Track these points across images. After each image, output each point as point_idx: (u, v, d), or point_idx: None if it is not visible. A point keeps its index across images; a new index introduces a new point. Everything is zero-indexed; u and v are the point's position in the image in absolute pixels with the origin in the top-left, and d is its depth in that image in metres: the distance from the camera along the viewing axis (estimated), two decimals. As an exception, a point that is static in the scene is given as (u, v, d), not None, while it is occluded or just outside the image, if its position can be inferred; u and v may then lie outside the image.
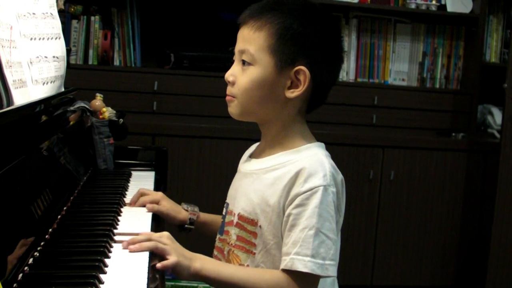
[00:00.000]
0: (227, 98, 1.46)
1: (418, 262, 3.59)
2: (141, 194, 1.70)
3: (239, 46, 1.44)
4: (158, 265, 1.27)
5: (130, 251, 1.30)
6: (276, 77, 1.40)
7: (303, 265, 1.31)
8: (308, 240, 1.32)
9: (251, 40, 1.41)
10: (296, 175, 1.36)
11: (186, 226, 1.66)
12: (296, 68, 1.39)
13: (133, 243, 1.31)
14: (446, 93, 3.74)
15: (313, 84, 1.41)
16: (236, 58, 1.46)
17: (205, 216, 1.70)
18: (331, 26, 1.47)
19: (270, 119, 1.46)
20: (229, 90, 1.45)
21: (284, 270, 1.34)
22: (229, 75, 1.45)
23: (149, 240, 1.32)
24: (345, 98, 3.55)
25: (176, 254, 1.31)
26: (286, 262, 1.33)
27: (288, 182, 1.37)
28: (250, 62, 1.41)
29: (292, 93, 1.41)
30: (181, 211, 1.68)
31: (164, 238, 1.33)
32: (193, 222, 1.67)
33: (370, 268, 3.53)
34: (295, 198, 1.35)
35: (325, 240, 1.33)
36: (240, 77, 1.43)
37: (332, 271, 1.34)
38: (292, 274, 1.33)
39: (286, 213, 1.36)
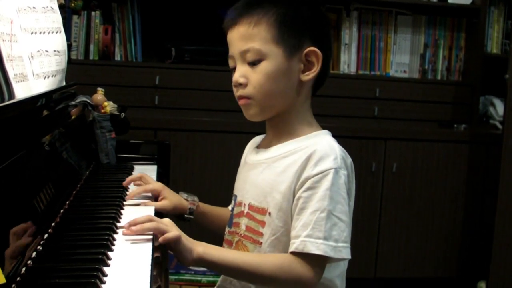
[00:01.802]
0: (242, 101, 1.44)
1: (421, 254, 3.59)
2: (141, 177, 1.69)
3: (239, 47, 1.42)
4: (160, 239, 1.27)
5: (132, 234, 1.30)
6: (289, 64, 1.41)
7: (315, 247, 1.31)
8: (320, 223, 1.31)
9: (253, 36, 1.40)
10: (307, 159, 1.36)
11: (185, 216, 1.64)
12: (306, 50, 1.41)
13: (134, 224, 1.31)
14: (447, 84, 3.73)
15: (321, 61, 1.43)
16: (237, 60, 1.44)
17: (204, 207, 1.69)
18: (313, 2, 1.48)
19: (286, 109, 1.45)
20: (242, 92, 1.43)
21: (294, 253, 1.33)
22: (238, 77, 1.43)
23: (150, 221, 1.31)
24: (346, 91, 3.55)
25: (179, 232, 1.30)
26: (296, 244, 1.33)
27: (299, 167, 1.37)
28: (259, 59, 1.40)
29: (307, 76, 1.42)
30: (180, 201, 1.65)
31: (166, 221, 1.33)
32: (193, 212, 1.65)
33: (373, 261, 3.53)
34: (306, 181, 1.35)
35: (337, 223, 1.33)
36: (253, 76, 1.41)
37: (346, 253, 1.34)
38: (303, 256, 1.33)
39: (296, 196, 1.36)
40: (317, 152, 1.36)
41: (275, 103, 1.44)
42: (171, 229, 1.30)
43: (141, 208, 1.59)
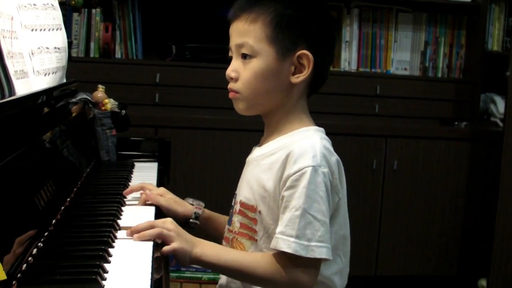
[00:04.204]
0: (231, 94, 1.45)
1: (421, 252, 3.58)
2: (141, 187, 1.65)
3: (235, 40, 1.43)
4: (161, 251, 1.28)
5: (135, 240, 1.31)
6: (279, 65, 1.40)
7: (287, 245, 1.30)
8: (294, 221, 1.30)
9: (248, 33, 1.40)
10: (287, 157, 1.36)
11: (191, 220, 1.60)
12: (298, 53, 1.40)
13: (136, 231, 1.31)
14: (448, 82, 3.73)
15: (314, 65, 1.41)
16: (234, 53, 1.45)
17: (210, 212, 1.66)
18: (320, 6, 1.46)
19: (275, 108, 1.45)
20: (232, 86, 1.44)
21: (274, 252, 1.34)
22: (230, 71, 1.44)
23: (152, 227, 1.32)
24: (347, 88, 3.55)
25: (179, 239, 1.32)
26: (272, 241, 1.34)
27: (281, 165, 1.37)
28: (251, 55, 1.40)
29: (297, 78, 1.41)
30: (185, 205, 1.62)
31: (168, 223, 1.34)
32: (198, 216, 1.61)
33: (374, 259, 3.53)
34: (287, 179, 1.34)
35: (312, 222, 1.31)
36: (243, 72, 1.42)
37: (319, 253, 1.31)
38: (278, 254, 1.33)
39: (281, 196, 1.36)
40: (296, 150, 1.35)
41: (262, 101, 1.44)
42: (173, 236, 1.31)
43: (142, 206, 1.59)
